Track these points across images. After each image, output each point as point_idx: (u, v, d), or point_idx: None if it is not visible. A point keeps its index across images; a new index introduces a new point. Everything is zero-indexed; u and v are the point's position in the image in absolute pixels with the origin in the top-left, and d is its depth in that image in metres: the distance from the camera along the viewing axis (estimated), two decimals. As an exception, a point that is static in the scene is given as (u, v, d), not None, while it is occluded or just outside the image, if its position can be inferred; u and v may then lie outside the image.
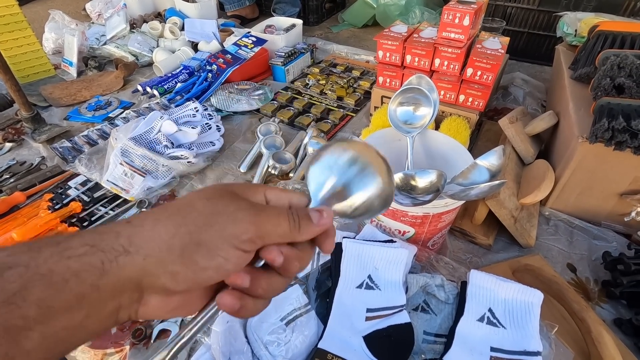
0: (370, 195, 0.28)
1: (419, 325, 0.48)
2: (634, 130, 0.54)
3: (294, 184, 0.68)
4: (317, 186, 0.28)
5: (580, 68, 0.77)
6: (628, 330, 0.54)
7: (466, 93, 0.82)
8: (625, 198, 0.63)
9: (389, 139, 0.62)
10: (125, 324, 0.57)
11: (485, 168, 0.47)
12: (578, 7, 1.13)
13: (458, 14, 0.75)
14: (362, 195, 0.28)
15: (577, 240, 0.67)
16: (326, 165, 0.28)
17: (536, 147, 0.78)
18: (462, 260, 0.65)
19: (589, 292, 0.60)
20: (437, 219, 0.54)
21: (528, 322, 0.44)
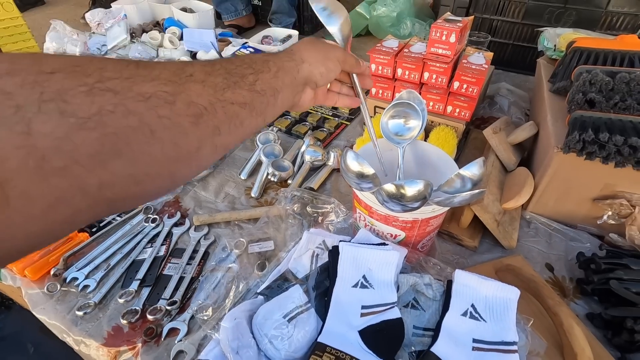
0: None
1: (409, 321, 0.53)
2: (601, 142, 0.60)
3: (293, 191, 0.73)
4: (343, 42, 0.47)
5: (558, 82, 0.83)
6: (598, 323, 0.59)
7: (453, 104, 0.87)
8: (598, 203, 0.69)
9: (382, 148, 0.67)
10: (137, 323, 0.61)
11: (468, 177, 0.52)
12: (559, 21, 1.20)
13: (445, 32, 0.81)
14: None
15: (555, 241, 0.73)
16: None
17: (518, 155, 0.84)
18: (449, 261, 0.70)
19: (565, 289, 0.66)
20: (425, 223, 0.59)
21: (506, 316, 0.49)
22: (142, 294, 0.65)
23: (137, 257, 0.71)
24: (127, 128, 0.21)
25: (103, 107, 0.20)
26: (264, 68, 0.32)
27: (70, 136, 0.18)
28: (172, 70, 0.24)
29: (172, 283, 0.66)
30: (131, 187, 0.22)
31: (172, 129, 0.23)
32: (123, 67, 0.22)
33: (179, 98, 0.23)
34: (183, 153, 0.24)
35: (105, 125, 0.20)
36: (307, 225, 0.68)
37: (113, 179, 0.20)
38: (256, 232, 0.73)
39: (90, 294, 0.65)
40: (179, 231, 0.77)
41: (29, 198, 0.17)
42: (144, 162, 0.22)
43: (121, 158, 0.20)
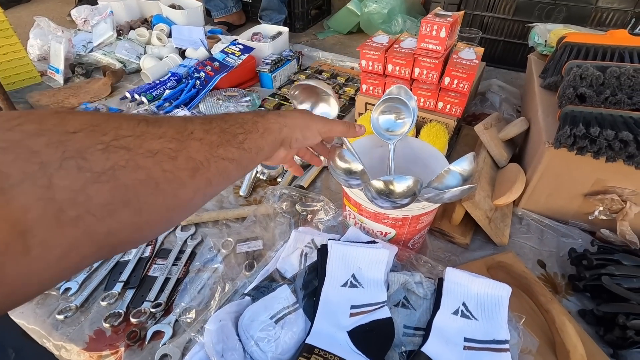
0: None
1: (399, 320, 0.52)
2: (592, 136, 0.59)
3: (281, 189, 0.71)
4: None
5: (549, 77, 0.82)
6: (590, 320, 0.59)
7: (444, 100, 0.87)
8: (589, 198, 0.68)
9: (374, 144, 0.66)
10: (120, 326, 0.59)
11: (458, 173, 0.51)
12: (549, 17, 1.20)
13: (435, 27, 0.80)
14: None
15: (547, 238, 0.72)
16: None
17: (510, 151, 0.83)
18: (441, 258, 0.69)
19: (557, 286, 0.65)
20: (415, 220, 0.57)
21: (497, 314, 0.48)
22: (125, 296, 0.63)
23: (121, 259, 0.69)
24: (136, 181, 0.23)
25: (116, 163, 0.22)
26: (253, 129, 0.36)
27: (85, 189, 0.20)
28: (176, 127, 0.27)
29: (157, 285, 0.64)
30: (133, 234, 0.24)
31: (174, 181, 0.26)
32: (135, 125, 0.24)
33: (181, 154, 0.26)
34: (180, 202, 0.27)
35: (117, 178, 0.22)
36: (295, 223, 0.67)
37: (119, 227, 0.23)
38: (244, 232, 0.71)
39: (71, 297, 0.63)
40: (165, 231, 0.74)
41: (47, 247, 0.19)
42: (148, 211, 0.24)
43: (129, 208, 0.23)
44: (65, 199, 0.20)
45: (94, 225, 0.21)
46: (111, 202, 0.22)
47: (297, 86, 0.54)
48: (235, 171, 0.33)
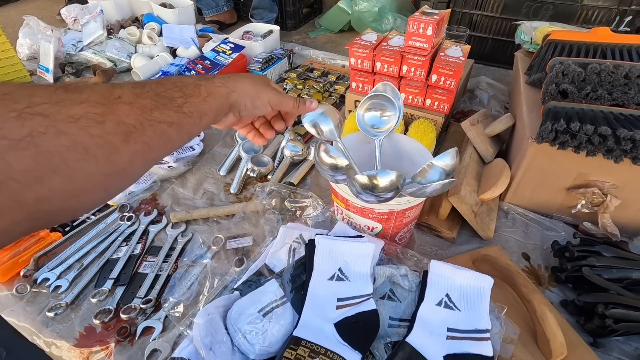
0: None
1: (385, 312, 0.53)
2: (572, 131, 0.60)
3: (270, 185, 0.72)
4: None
5: (534, 74, 0.84)
6: (572, 310, 0.60)
7: (432, 97, 0.88)
8: (572, 192, 0.70)
9: (361, 141, 0.67)
10: (110, 322, 0.59)
11: (440, 167, 0.52)
12: (536, 15, 1.22)
13: (422, 25, 0.81)
14: None
15: (532, 231, 0.74)
16: None
17: (496, 147, 0.85)
18: (428, 252, 0.71)
19: (541, 277, 0.66)
20: (401, 215, 0.59)
21: (479, 304, 0.49)
22: (116, 293, 0.64)
23: (111, 256, 0.70)
24: (61, 147, 0.23)
25: (34, 130, 0.22)
26: (194, 92, 0.36)
27: (3, 156, 0.21)
28: (101, 93, 0.27)
29: (147, 281, 0.65)
30: (68, 201, 0.24)
31: (105, 146, 0.26)
32: (52, 93, 0.24)
33: (108, 118, 0.26)
34: (117, 168, 0.27)
35: (37, 145, 0.22)
36: (281, 219, 0.68)
37: (50, 193, 0.23)
38: (234, 228, 0.72)
39: (62, 295, 0.63)
40: (155, 229, 0.75)
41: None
42: (80, 177, 0.24)
43: (58, 174, 0.23)
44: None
45: (20, 192, 0.21)
46: (35, 168, 0.22)
47: None
48: (177, 135, 0.32)
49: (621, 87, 0.65)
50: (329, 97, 1.17)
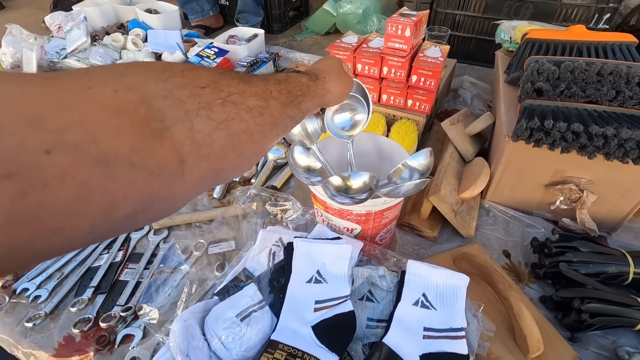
0: None
1: (363, 313, 0.53)
2: (546, 129, 0.61)
3: (252, 189, 0.72)
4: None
5: (512, 73, 0.84)
6: (550, 305, 0.61)
7: (413, 98, 0.88)
8: (550, 189, 0.71)
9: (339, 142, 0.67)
10: (90, 331, 0.59)
11: (414, 167, 0.52)
12: (517, 14, 1.23)
13: (400, 26, 0.81)
14: None
15: (512, 228, 0.75)
16: None
17: (477, 145, 0.86)
18: (410, 252, 0.71)
19: (521, 274, 0.67)
20: (379, 215, 0.59)
21: (455, 303, 0.50)
22: (96, 301, 0.63)
23: (92, 264, 0.69)
24: (240, 131, 0.29)
25: (229, 115, 0.28)
26: (307, 92, 0.40)
27: (211, 134, 0.26)
28: (261, 87, 0.33)
29: (128, 289, 0.64)
30: (234, 172, 0.31)
31: (261, 133, 0.32)
32: (238, 83, 0.30)
33: (266, 111, 0.32)
34: (262, 150, 0.34)
35: (229, 127, 0.28)
36: (261, 223, 0.68)
37: (228, 166, 0.29)
38: (216, 233, 0.72)
39: (41, 305, 0.63)
40: (137, 235, 0.75)
41: (192, 173, 0.25)
42: (245, 155, 0.30)
43: (234, 151, 0.29)
44: (201, 139, 0.25)
45: (216, 162, 0.27)
46: (225, 145, 0.28)
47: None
48: (292, 127, 0.39)
49: (594, 84, 0.66)
50: (314, 99, 1.18)
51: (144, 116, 0.22)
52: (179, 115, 0.24)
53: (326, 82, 0.45)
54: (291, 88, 0.38)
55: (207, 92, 0.27)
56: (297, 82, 0.40)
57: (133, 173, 0.21)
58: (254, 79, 0.33)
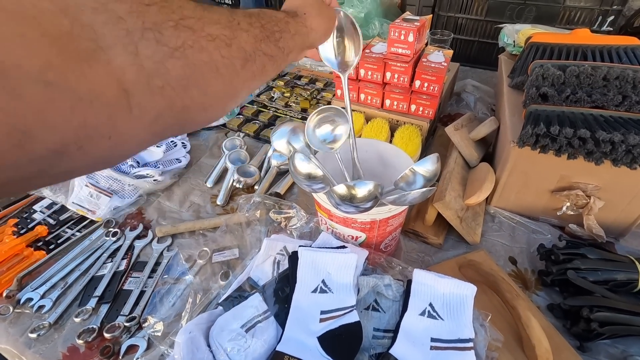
0: None
1: (369, 324, 0.52)
2: (552, 135, 0.61)
3: (256, 197, 0.72)
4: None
5: (516, 77, 0.84)
6: (558, 314, 0.60)
7: (416, 103, 0.88)
8: (556, 195, 0.70)
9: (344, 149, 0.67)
10: (94, 342, 0.58)
11: (421, 174, 0.52)
12: (520, 17, 1.23)
13: (403, 31, 0.81)
14: None
15: (518, 234, 0.74)
16: None
17: (481, 151, 0.85)
18: (414, 259, 0.70)
19: (527, 281, 0.66)
20: (384, 223, 0.58)
21: (462, 313, 0.49)
22: (100, 311, 0.63)
23: (96, 273, 0.69)
24: (201, 62, 0.25)
25: (185, 42, 0.23)
26: (285, 28, 0.36)
27: (164, 62, 0.22)
28: (226, 16, 0.28)
29: (132, 298, 0.64)
30: (200, 113, 0.27)
31: (230, 67, 0.27)
32: (194, 7, 0.25)
33: (234, 42, 0.28)
34: (233, 91, 0.29)
35: (187, 57, 0.23)
36: (265, 231, 0.67)
37: (191, 104, 0.25)
38: (220, 241, 0.71)
39: (45, 315, 0.63)
40: (141, 244, 0.74)
41: (142, 109, 0.21)
42: (211, 93, 0.26)
43: (197, 87, 0.25)
44: (151, 68, 0.21)
45: (174, 98, 0.23)
46: (184, 77, 0.23)
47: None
48: (272, 69, 0.34)
49: (600, 89, 0.66)
50: (317, 103, 1.17)
51: (67, 31, 0.18)
52: (118, 34, 0.20)
53: (307, 19, 0.40)
54: (265, 22, 0.33)
55: (153, 10, 0.22)
56: (272, 17, 0.35)
57: (49, 94, 0.17)
58: (214, 7, 0.28)
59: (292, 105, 1.17)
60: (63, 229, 0.78)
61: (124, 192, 0.82)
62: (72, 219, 0.80)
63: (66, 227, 0.79)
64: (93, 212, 0.79)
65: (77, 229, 0.78)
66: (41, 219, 0.79)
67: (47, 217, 0.80)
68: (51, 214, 0.81)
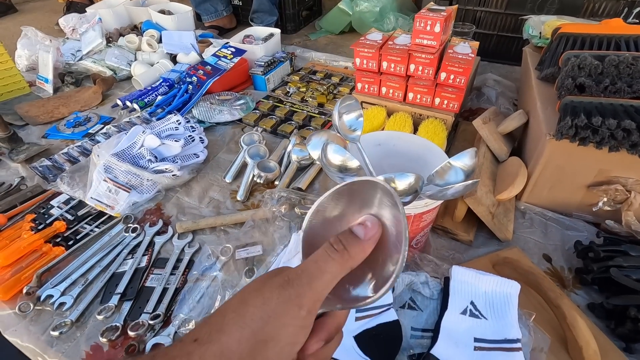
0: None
1: (406, 322, 0.50)
2: (594, 126, 0.58)
3: (279, 191, 0.70)
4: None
5: (546, 69, 0.81)
6: (600, 313, 0.57)
7: (441, 96, 0.85)
8: (592, 190, 0.67)
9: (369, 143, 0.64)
10: (118, 340, 0.57)
11: (459, 168, 0.49)
12: (542, 9, 1.19)
13: (429, 22, 0.78)
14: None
15: (551, 231, 0.71)
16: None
17: (509, 144, 0.82)
18: (444, 257, 0.68)
19: (564, 280, 0.64)
20: (418, 218, 0.56)
21: (507, 312, 0.47)
22: (123, 308, 0.61)
23: (117, 270, 0.67)
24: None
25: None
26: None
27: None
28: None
29: (154, 295, 0.62)
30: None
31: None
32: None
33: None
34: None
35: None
36: (295, 227, 0.65)
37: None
38: (243, 237, 0.69)
39: (66, 312, 0.61)
40: (161, 240, 0.73)
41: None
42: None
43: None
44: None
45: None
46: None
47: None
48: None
49: (641, 79, 0.63)
50: (334, 98, 1.15)
51: None
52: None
53: (202, 344, 0.21)
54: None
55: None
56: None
57: None
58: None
59: (308, 100, 1.14)
60: (81, 225, 0.76)
61: (143, 187, 0.80)
62: (90, 215, 0.79)
63: (84, 223, 0.77)
64: (112, 207, 0.77)
65: (96, 224, 0.77)
66: (59, 215, 0.78)
67: (65, 212, 0.78)
68: (69, 210, 0.79)
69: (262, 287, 0.23)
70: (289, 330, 0.22)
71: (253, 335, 0.21)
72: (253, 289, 0.23)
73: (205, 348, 0.21)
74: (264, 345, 0.21)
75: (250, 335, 0.21)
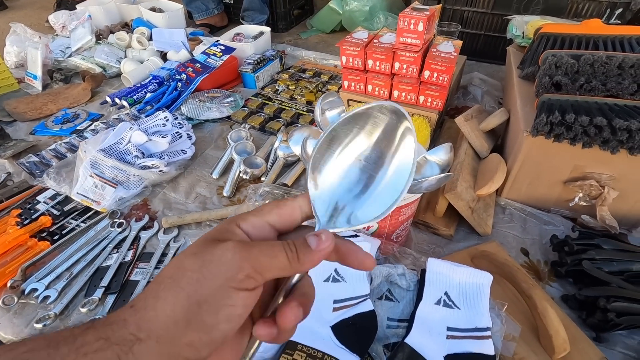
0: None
1: (383, 313, 0.51)
2: (568, 123, 0.60)
3: (265, 187, 0.71)
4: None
5: (527, 68, 0.83)
6: (573, 304, 0.59)
7: (425, 94, 0.87)
8: (569, 185, 0.69)
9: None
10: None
11: (435, 162, 0.51)
12: (527, 10, 1.21)
13: (413, 20, 0.80)
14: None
15: (530, 226, 0.73)
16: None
17: (491, 142, 0.84)
18: (425, 251, 0.69)
19: (540, 272, 0.65)
20: (397, 212, 0.57)
21: (479, 302, 0.48)
22: (106, 302, 0.62)
23: (102, 264, 0.68)
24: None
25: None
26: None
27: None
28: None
29: (139, 288, 0.63)
30: None
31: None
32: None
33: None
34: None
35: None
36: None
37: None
38: (227, 232, 0.70)
39: (50, 305, 0.62)
40: (147, 235, 0.73)
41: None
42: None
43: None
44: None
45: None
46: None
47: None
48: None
49: (615, 78, 0.65)
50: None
51: None
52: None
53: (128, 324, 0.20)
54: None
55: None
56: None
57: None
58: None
59: (297, 98, 1.15)
60: (67, 220, 0.77)
61: (129, 182, 0.81)
62: (77, 210, 0.79)
63: (70, 218, 0.77)
64: (98, 202, 0.78)
65: (82, 219, 0.77)
66: (45, 210, 0.78)
67: (51, 207, 0.79)
68: (55, 205, 0.80)
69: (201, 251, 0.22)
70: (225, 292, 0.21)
71: (187, 299, 0.21)
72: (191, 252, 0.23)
73: (141, 314, 0.21)
74: (198, 307, 0.20)
75: (185, 298, 0.21)
